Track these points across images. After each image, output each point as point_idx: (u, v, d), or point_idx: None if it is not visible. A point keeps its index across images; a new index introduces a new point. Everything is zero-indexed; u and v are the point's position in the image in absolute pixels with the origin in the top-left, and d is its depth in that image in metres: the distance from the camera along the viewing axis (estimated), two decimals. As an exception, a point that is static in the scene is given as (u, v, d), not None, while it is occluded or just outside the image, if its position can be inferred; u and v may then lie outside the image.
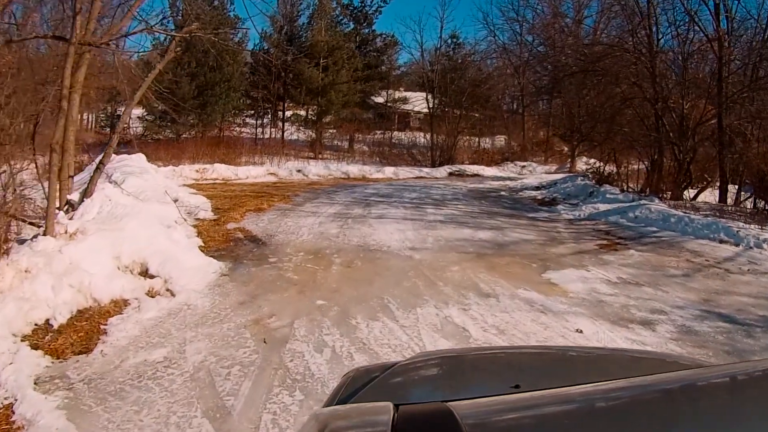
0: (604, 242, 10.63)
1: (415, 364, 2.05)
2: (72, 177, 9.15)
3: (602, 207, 13.87)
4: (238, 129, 35.29)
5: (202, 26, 19.18)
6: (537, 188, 19.18)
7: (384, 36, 38.44)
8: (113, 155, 17.96)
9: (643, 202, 13.55)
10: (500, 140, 36.77)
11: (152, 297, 6.54)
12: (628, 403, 1.31)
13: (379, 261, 8.43)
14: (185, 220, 10.79)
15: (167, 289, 6.74)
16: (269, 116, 37.10)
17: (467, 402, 1.27)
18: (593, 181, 17.78)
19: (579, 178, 18.78)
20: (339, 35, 34.05)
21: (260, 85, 35.04)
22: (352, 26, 37.48)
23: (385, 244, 9.50)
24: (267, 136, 34.74)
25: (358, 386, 1.73)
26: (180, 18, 31.32)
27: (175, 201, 13.50)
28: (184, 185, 17.58)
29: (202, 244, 9.21)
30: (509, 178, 24.49)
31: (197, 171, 20.90)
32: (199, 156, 25.44)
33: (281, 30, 35.64)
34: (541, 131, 36.97)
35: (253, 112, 36.39)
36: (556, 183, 19.42)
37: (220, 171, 21.06)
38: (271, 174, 21.78)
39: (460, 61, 35.58)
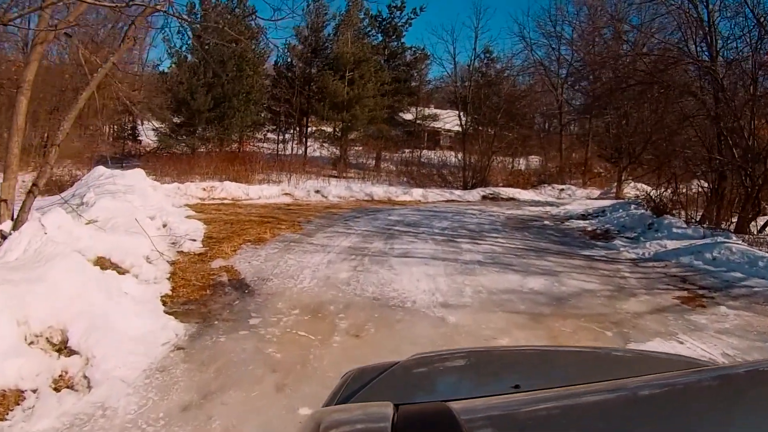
0: (685, 294, 8.27)
1: (415, 364, 2.06)
2: (6, 201, 7.11)
3: (669, 244, 11.48)
4: (258, 144, 33.54)
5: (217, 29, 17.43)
6: (584, 217, 16.83)
7: (414, 49, 36.44)
8: (104, 169, 16.13)
9: (718, 239, 11.16)
10: (534, 161, 34.53)
11: (57, 390, 4.38)
12: (628, 403, 1.32)
13: (401, 326, 6.16)
14: (161, 255, 8.67)
15: (84, 376, 4.58)
16: (291, 132, 35.21)
17: (467, 402, 1.35)
18: (649, 210, 15.43)
19: (632, 206, 16.39)
20: (366, 47, 32.10)
21: (282, 99, 33.23)
22: (380, 38, 35.57)
23: (410, 296, 7.24)
24: (289, 152, 32.88)
25: (358, 386, 1.75)
26: (197, 26, 30.11)
27: (164, 227, 11.58)
28: (186, 205, 15.68)
29: (169, 293, 7.08)
30: (549, 203, 22.14)
31: (204, 189, 18.92)
32: (210, 172, 23.60)
33: (305, 40, 33.81)
34: (575, 152, 34.49)
35: (275, 127, 34.60)
36: (605, 211, 17.06)
37: (229, 190, 19.06)
38: (287, 194, 19.68)
39: (493, 75, 33.43)
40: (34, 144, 25.03)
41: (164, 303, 6.65)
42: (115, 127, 34.57)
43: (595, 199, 22.65)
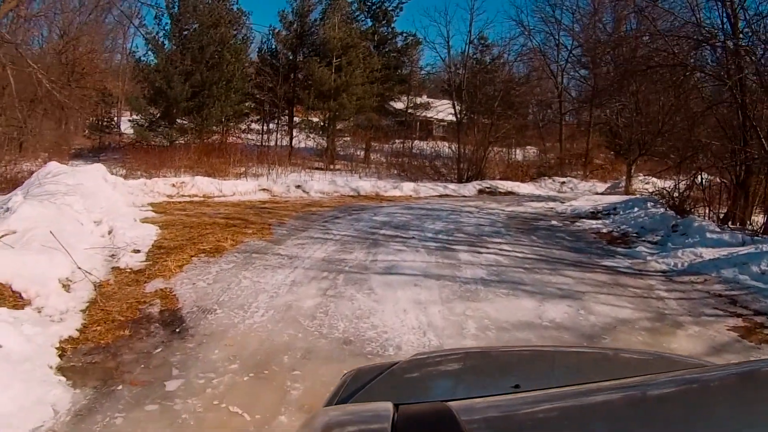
0: (740, 323, 6.50)
1: (415, 364, 2.07)
2: None
3: (704, 253, 9.64)
4: (241, 135, 31.66)
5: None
6: (594, 215, 15.10)
7: (405, 35, 34.52)
8: (56, 166, 14.27)
9: (764, 247, 9.40)
10: (531, 151, 32.77)
11: None
12: (627, 403, 1.32)
13: (378, 390, 4.41)
14: (87, 275, 6.88)
15: None
16: (277, 122, 33.30)
17: (467, 402, 1.34)
18: (669, 209, 13.73)
19: (648, 204, 14.67)
20: (354, 32, 30.19)
21: (266, 87, 31.31)
22: (369, 23, 33.68)
23: (393, 337, 5.42)
24: (274, 143, 31.01)
25: (358, 386, 1.74)
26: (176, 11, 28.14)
27: (109, 233, 9.86)
28: (149, 204, 14.05)
29: (75, 334, 5.30)
30: (551, 198, 20.39)
31: (174, 185, 17.10)
32: (186, 166, 21.81)
33: (291, 26, 31.89)
34: (576, 143, 32.61)
35: (259, 117, 32.69)
36: (616, 208, 15.33)
37: (201, 186, 17.23)
38: (264, 190, 17.84)
39: (489, 62, 31.58)
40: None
41: (61, 353, 4.87)
42: (92, 119, 32.52)
43: (602, 194, 20.85)
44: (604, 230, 12.59)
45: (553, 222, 13.71)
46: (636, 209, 14.59)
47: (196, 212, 13.12)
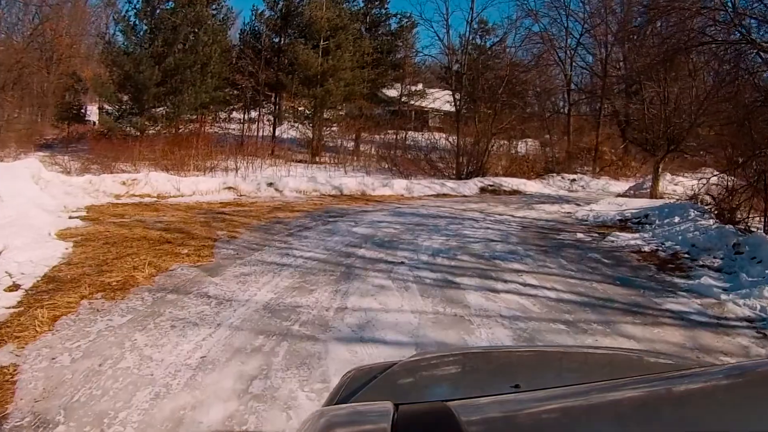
0: None
1: (415, 363, 2.04)
2: None
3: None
4: (222, 125, 28.96)
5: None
6: (623, 224, 12.51)
7: (400, 16, 31.69)
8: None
9: None
10: (533, 145, 30.12)
11: None
12: (627, 403, 1.30)
13: None
14: None
15: None
16: (259, 110, 30.51)
17: (467, 402, 1.31)
18: (717, 219, 11.16)
19: (690, 211, 12.05)
20: (344, 13, 27.42)
21: (247, 72, 28.51)
22: (361, 4, 30.90)
23: None
24: (256, 134, 28.27)
25: (358, 386, 1.72)
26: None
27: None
28: (86, 208, 11.55)
29: None
30: (564, 199, 17.76)
31: (124, 183, 14.46)
32: (147, 159, 19.21)
33: (275, 5, 29.10)
34: (586, 136, 29.87)
35: (241, 104, 29.89)
36: (649, 216, 12.73)
37: (156, 183, 14.58)
38: (230, 189, 15.12)
39: (491, 44, 28.89)
40: None
41: None
42: (57, 107, 29.86)
43: (625, 195, 18.06)
44: (646, 248, 9.91)
45: (579, 235, 11.01)
46: (676, 218, 11.97)
47: (134, 220, 10.48)
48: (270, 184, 15.58)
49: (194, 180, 15.25)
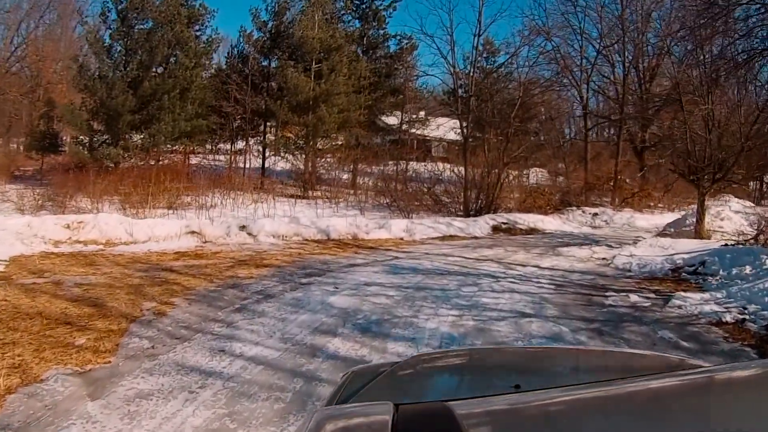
0: None
1: (415, 364, 2.04)
2: None
3: None
4: (209, 156, 26.57)
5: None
6: (675, 274, 10.02)
7: (399, 37, 29.31)
8: None
9: None
10: (542, 174, 27.64)
11: None
12: (627, 402, 1.28)
13: None
14: None
15: None
16: (246, 140, 28.05)
17: (467, 402, 1.30)
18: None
19: (762, 257, 9.42)
20: (339, 33, 25.04)
21: (233, 98, 26.08)
22: (357, 25, 28.59)
23: None
24: (246, 165, 25.83)
25: (358, 386, 1.70)
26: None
27: None
28: (8, 259, 9.37)
29: None
30: (592, 239, 15.09)
31: (68, 227, 11.91)
32: (109, 194, 16.75)
33: (264, 26, 26.78)
34: (604, 165, 27.28)
35: (228, 134, 27.42)
36: (706, 263, 10.17)
37: (105, 227, 12.04)
38: (193, 234, 12.43)
39: (499, 64, 26.45)
40: None
41: None
42: (27, 138, 27.62)
43: (664, 234, 15.19)
44: (728, 318, 7.18)
45: (633, 298, 8.27)
46: (748, 268, 9.34)
47: (52, 281, 7.88)
48: (242, 228, 12.90)
49: (150, 223, 12.61)
